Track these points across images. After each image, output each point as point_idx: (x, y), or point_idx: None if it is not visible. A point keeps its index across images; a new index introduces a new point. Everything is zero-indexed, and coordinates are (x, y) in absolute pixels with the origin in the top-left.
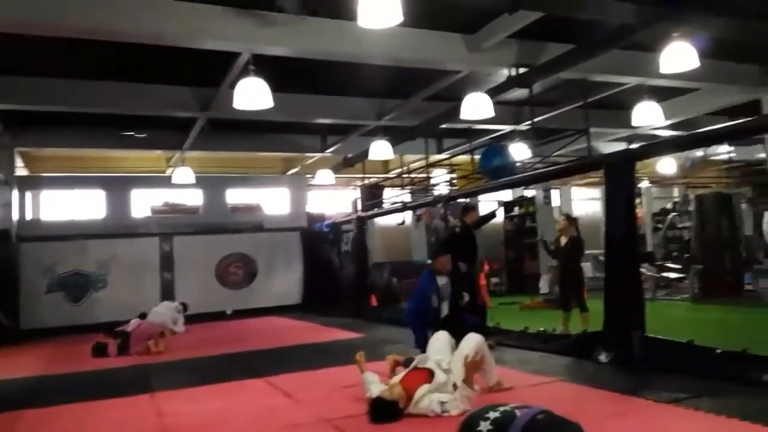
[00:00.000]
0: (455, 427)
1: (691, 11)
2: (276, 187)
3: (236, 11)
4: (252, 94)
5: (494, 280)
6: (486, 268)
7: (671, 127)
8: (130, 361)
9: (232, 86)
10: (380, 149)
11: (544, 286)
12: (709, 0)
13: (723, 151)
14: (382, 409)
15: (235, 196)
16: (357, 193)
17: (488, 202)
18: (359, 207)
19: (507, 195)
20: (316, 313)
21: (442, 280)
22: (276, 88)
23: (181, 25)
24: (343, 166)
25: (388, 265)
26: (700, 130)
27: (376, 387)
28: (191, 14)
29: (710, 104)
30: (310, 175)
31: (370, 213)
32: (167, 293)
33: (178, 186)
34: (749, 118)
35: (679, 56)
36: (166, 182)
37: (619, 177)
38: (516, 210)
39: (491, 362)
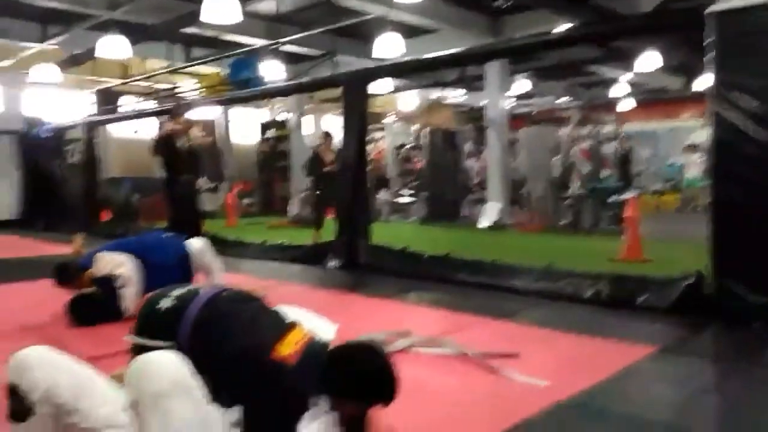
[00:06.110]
0: None
1: None
2: None
3: None
4: None
5: (246, 201)
6: (239, 188)
7: None
8: None
9: None
10: (113, 46)
11: (293, 208)
12: None
13: (455, 95)
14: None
15: None
16: (93, 98)
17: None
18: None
19: (264, 116)
20: (38, 229)
21: None
22: None
23: None
24: (70, 64)
25: (128, 180)
26: (424, 57)
27: None
28: None
29: (446, 47)
30: (26, 71)
31: (98, 119)
32: None
33: None
34: (464, 48)
35: None
36: None
37: (354, 95)
38: (270, 132)
39: (217, 265)
